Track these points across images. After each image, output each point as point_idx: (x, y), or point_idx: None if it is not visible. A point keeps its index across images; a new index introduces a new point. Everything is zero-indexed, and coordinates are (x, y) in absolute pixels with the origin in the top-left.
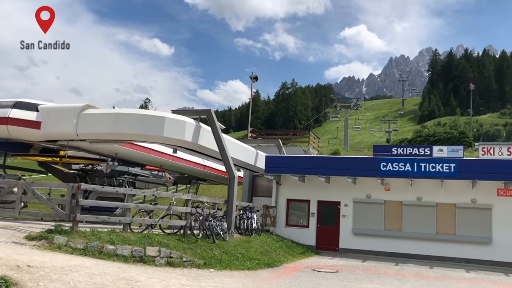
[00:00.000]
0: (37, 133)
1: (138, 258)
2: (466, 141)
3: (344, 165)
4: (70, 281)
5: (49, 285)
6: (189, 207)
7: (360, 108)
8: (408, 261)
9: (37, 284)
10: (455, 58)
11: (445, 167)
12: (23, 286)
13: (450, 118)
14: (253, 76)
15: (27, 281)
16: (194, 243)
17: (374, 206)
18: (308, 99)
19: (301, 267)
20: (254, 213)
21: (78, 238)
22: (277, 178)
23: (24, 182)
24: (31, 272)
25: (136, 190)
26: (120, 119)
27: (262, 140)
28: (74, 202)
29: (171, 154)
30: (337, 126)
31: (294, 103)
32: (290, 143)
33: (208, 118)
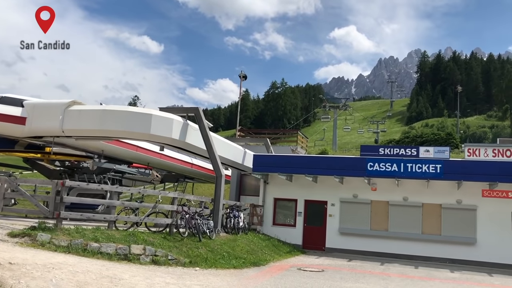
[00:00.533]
0: (22, 129)
1: (123, 256)
2: (453, 142)
3: (332, 165)
4: (53, 278)
5: (30, 282)
6: (175, 205)
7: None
8: (394, 261)
9: (18, 281)
10: (443, 60)
11: (431, 168)
12: (3, 284)
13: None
14: (242, 74)
15: (8, 278)
16: (180, 242)
17: (361, 206)
18: (298, 99)
19: (287, 266)
20: (241, 212)
21: (62, 235)
22: (264, 177)
23: (8, 178)
24: (12, 269)
25: (122, 188)
26: (107, 115)
27: (250, 139)
28: (58, 199)
29: (158, 152)
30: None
31: (283, 103)
32: (278, 142)
33: (196, 116)
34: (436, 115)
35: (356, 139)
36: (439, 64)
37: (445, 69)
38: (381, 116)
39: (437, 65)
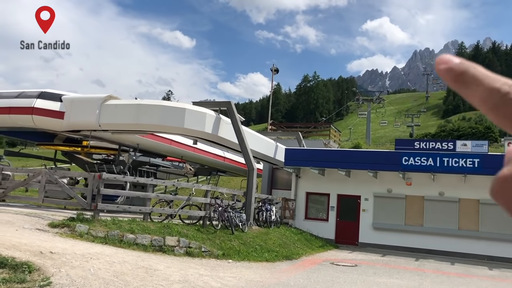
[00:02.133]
0: (61, 123)
1: (158, 248)
2: (492, 136)
3: (365, 159)
4: (91, 268)
5: (70, 271)
6: (208, 198)
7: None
8: (429, 257)
9: (59, 270)
10: (482, 51)
11: (468, 162)
12: (45, 272)
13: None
14: (274, 68)
15: (50, 267)
16: (213, 234)
17: (395, 201)
18: (330, 92)
19: (319, 260)
20: (273, 205)
21: (99, 226)
22: (296, 171)
23: (48, 171)
24: (53, 258)
25: (157, 180)
26: (142, 110)
27: (282, 133)
28: (96, 191)
29: (191, 145)
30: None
31: (315, 96)
32: (310, 136)
33: (228, 110)
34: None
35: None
36: (477, 55)
37: (484, 61)
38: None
39: (475, 57)
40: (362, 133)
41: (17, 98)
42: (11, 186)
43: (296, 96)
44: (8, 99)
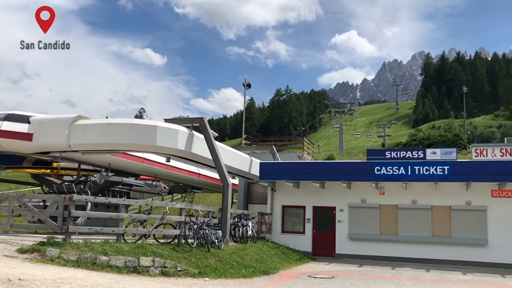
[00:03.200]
0: (29, 145)
1: (132, 269)
2: (461, 143)
3: (339, 170)
4: None
5: None
6: (182, 215)
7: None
8: (405, 265)
9: None
10: (447, 61)
11: (439, 170)
12: None
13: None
14: (246, 83)
15: None
16: (189, 252)
17: (370, 211)
18: (303, 105)
19: (297, 274)
20: (249, 220)
21: (71, 249)
22: (272, 185)
23: (16, 195)
24: (22, 285)
25: (130, 200)
26: (112, 129)
27: (257, 147)
28: (67, 214)
29: (165, 163)
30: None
31: (288, 110)
32: (285, 149)
33: (201, 126)
34: (442, 116)
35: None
36: (443, 65)
37: (450, 70)
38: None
39: (441, 67)
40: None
41: None
42: None
43: (269, 110)
44: None
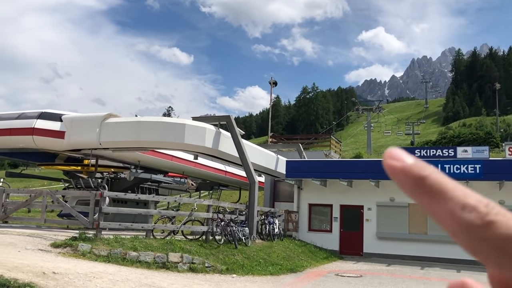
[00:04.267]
0: (61, 143)
1: (161, 264)
2: (493, 141)
3: (367, 169)
4: (94, 287)
5: None
6: (210, 212)
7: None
8: (435, 265)
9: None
10: (479, 57)
11: (470, 168)
12: None
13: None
14: (272, 81)
15: (52, 287)
16: (216, 249)
17: (398, 210)
18: (330, 103)
19: (324, 272)
20: (276, 218)
21: (101, 245)
22: (298, 183)
23: (49, 191)
24: (56, 278)
25: (159, 197)
26: (142, 127)
27: (283, 145)
28: (98, 210)
29: (192, 160)
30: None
31: (315, 107)
32: (311, 147)
33: (228, 124)
34: (473, 114)
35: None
36: (475, 61)
37: (482, 67)
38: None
39: (473, 63)
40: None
41: (18, 119)
42: (13, 208)
43: (296, 108)
44: (8, 120)
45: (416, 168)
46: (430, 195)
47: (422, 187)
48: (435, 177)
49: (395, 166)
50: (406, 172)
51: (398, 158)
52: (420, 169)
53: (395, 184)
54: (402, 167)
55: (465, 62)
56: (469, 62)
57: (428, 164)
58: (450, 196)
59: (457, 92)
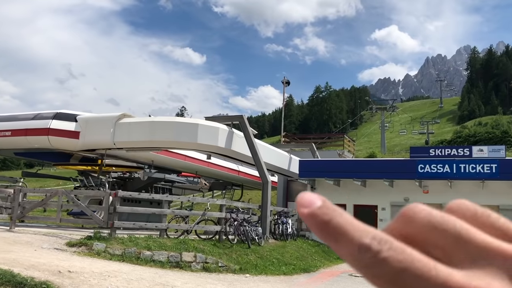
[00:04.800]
0: (76, 143)
1: (175, 264)
2: (510, 141)
3: (380, 168)
4: (109, 286)
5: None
6: (223, 212)
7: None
8: None
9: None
10: (495, 55)
11: (486, 168)
12: None
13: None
14: (285, 80)
15: (68, 286)
16: (230, 248)
17: None
18: (343, 102)
19: (337, 272)
20: (289, 218)
21: (116, 244)
22: (311, 183)
23: (65, 190)
24: (71, 277)
25: (172, 196)
26: (155, 127)
27: (296, 145)
28: (112, 209)
29: (205, 160)
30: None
31: (328, 107)
32: (324, 147)
33: (241, 124)
34: (489, 113)
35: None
36: (490, 59)
37: (498, 65)
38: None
39: (488, 61)
40: (377, 142)
41: (33, 120)
42: (29, 207)
43: (308, 107)
44: (24, 121)
45: (320, 213)
46: (334, 238)
47: (326, 231)
48: (337, 220)
49: (303, 213)
50: (313, 217)
51: (306, 204)
52: (324, 214)
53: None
54: (309, 213)
55: (480, 60)
56: (484, 60)
57: (334, 207)
58: (349, 238)
59: (473, 91)
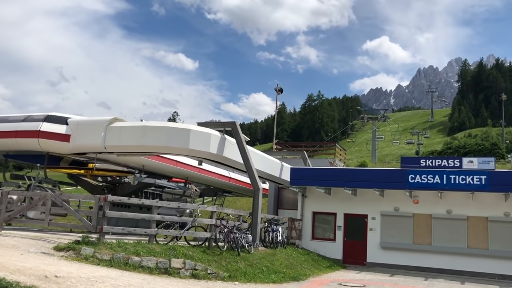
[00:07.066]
0: (67, 146)
1: (163, 270)
2: (499, 152)
3: (371, 178)
4: None
5: None
6: (213, 219)
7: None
8: (438, 276)
9: None
10: (485, 68)
11: (475, 179)
12: None
13: (481, 130)
14: (278, 88)
15: None
16: (219, 255)
17: (403, 219)
18: (335, 111)
19: (327, 281)
20: (279, 225)
21: (104, 249)
22: (302, 191)
23: (54, 194)
24: (58, 282)
25: (162, 202)
26: (147, 131)
27: (288, 152)
28: (101, 214)
29: (197, 166)
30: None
31: (320, 115)
32: (316, 155)
33: (233, 130)
34: (479, 124)
35: (396, 151)
36: (481, 72)
37: (488, 77)
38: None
39: (479, 73)
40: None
41: (24, 122)
42: (16, 210)
43: (301, 116)
44: (14, 123)
45: None
46: None
47: None
48: None
49: None
50: None
51: None
52: None
53: (397, 194)
54: None
55: (471, 72)
56: (475, 72)
57: None
58: None
59: (463, 103)
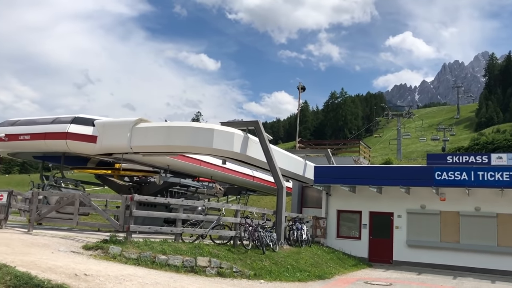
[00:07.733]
0: (94, 147)
1: (189, 268)
2: None
3: (397, 175)
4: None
5: None
6: (238, 217)
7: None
8: (467, 275)
9: None
10: None
11: (505, 176)
12: None
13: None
14: (301, 86)
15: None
16: (244, 254)
17: (429, 217)
18: (358, 108)
19: (353, 280)
20: (303, 224)
21: (131, 248)
22: (326, 189)
23: (82, 194)
24: (87, 280)
25: (187, 201)
26: (172, 132)
27: (311, 151)
28: (128, 213)
29: (220, 165)
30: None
31: (343, 113)
32: (340, 153)
33: (256, 129)
34: (508, 120)
35: (421, 148)
36: (509, 65)
37: None
38: (448, 123)
39: (507, 67)
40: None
41: (52, 124)
42: (46, 210)
43: (324, 113)
44: (43, 125)
45: None
46: None
47: None
48: None
49: None
50: None
51: None
52: None
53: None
54: None
55: (499, 66)
56: (503, 66)
57: None
58: None
59: (491, 97)
